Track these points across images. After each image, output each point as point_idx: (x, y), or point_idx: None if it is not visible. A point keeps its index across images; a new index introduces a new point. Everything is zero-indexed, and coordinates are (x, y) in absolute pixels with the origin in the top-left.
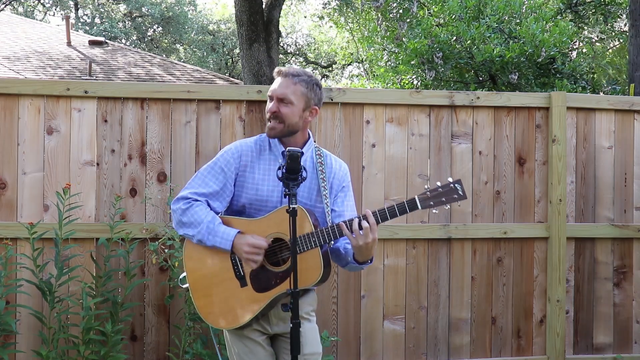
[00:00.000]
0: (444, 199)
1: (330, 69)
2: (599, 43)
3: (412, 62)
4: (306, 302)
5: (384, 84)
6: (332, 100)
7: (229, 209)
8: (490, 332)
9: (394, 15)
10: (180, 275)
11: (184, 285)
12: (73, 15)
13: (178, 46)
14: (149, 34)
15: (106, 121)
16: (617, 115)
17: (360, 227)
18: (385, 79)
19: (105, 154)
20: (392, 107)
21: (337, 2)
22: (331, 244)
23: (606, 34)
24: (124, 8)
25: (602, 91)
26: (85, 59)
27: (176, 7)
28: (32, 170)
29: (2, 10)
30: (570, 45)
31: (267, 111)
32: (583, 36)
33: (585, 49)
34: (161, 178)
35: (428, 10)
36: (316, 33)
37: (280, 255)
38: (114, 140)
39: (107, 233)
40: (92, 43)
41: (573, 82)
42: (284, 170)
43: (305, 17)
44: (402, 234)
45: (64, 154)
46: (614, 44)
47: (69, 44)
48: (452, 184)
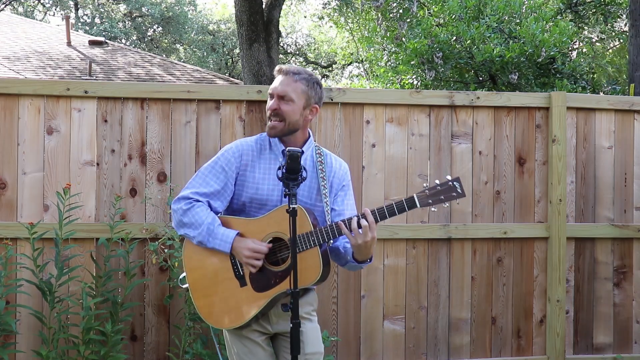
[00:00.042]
0: (442, 197)
1: (330, 69)
2: (599, 43)
3: (412, 62)
4: (307, 302)
5: (383, 84)
6: (332, 100)
7: (229, 207)
8: (490, 332)
9: (394, 15)
10: (180, 275)
11: (183, 285)
12: (73, 15)
13: (178, 46)
14: (149, 34)
15: (106, 121)
16: (617, 115)
17: (359, 225)
18: (385, 79)
19: (105, 154)
20: (392, 107)
21: (337, 2)
22: (330, 243)
23: (606, 34)
24: (124, 8)
25: (602, 91)
26: (85, 59)
27: (176, 7)
28: (32, 170)
29: (2, 10)
30: (570, 45)
31: (268, 109)
32: (583, 36)
33: (585, 49)
34: (161, 178)
35: (428, 10)
36: (316, 33)
37: (279, 255)
38: (114, 140)
39: (107, 233)
40: (92, 43)
41: (573, 82)
42: (284, 170)
43: (305, 17)
44: (402, 234)
45: (64, 154)
46: (614, 44)
47: (69, 44)
48: (451, 182)
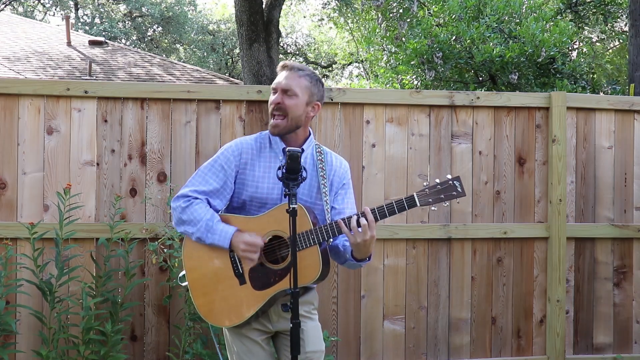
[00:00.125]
0: (442, 196)
1: (330, 69)
2: (599, 43)
3: (412, 62)
4: (307, 300)
5: (383, 85)
6: (332, 100)
7: (229, 206)
8: (490, 332)
9: (394, 15)
10: (180, 274)
11: (183, 283)
12: (73, 15)
13: (178, 46)
14: (149, 34)
15: (106, 121)
16: (617, 115)
17: (359, 224)
18: (385, 79)
19: (105, 154)
20: (392, 107)
21: (336, 2)
22: (330, 241)
23: (606, 34)
24: (124, 8)
25: (602, 91)
26: (85, 59)
27: (176, 7)
28: (32, 170)
29: (2, 10)
30: (570, 45)
31: (271, 103)
32: (583, 36)
33: (585, 49)
34: (161, 178)
35: (428, 10)
36: (316, 33)
37: (279, 253)
38: (114, 140)
39: (107, 233)
40: (92, 43)
41: (573, 82)
42: (284, 170)
43: (305, 17)
44: (402, 234)
45: (64, 154)
46: (614, 44)
47: (69, 44)
48: (451, 181)
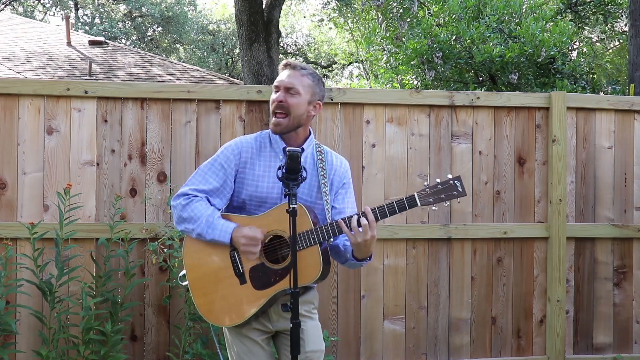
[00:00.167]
0: (443, 195)
1: (330, 69)
2: (599, 43)
3: (412, 62)
4: (307, 300)
5: (383, 85)
6: (332, 100)
7: (229, 205)
8: (490, 332)
9: (394, 15)
10: (180, 274)
11: (183, 283)
12: (73, 15)
13: (178, 46)
14: (149, 34)
15: (106, 121)
16: (617, 115)
17: (359, 224)
18: (385, 79)
19: (105, 154)
20: (392, 107)
21: (336, 2)
22: (330, 241)
23: (606, 34)
24: (124, 8)
25: (602, 91)
26: (85, 59)
27: (176, 7)
28: (32, 170)
29: (2, 10)
30: (570, 45)
31: (273, 101)
32: (583, 36)
33: (585, 49)
34: (161, 178)
35: (428, 10)
36: (316, 33)
37: (279, 253)
38: (114, 140)
39: (107, 233)
40: (92, 43)
41: (573, 82)
42: (284, 170)
43: (305, 17)
44: (402, 234)
45: (64, 154)
46: (614, 44)
47: (69, 44)
48: (452, 180)
